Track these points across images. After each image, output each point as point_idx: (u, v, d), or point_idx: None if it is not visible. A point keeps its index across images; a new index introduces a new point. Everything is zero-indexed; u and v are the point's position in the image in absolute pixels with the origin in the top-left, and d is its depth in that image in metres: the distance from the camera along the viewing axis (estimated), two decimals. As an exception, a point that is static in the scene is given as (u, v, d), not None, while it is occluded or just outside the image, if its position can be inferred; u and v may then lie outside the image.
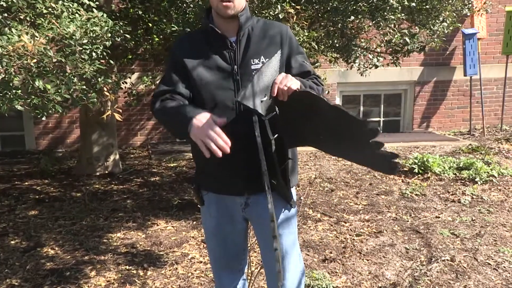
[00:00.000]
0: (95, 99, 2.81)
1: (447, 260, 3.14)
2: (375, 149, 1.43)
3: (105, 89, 3.44)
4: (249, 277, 2.57)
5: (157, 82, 5.14)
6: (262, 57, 1.69)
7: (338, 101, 7.52)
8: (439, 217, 3.92)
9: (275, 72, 1.63)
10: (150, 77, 4.94)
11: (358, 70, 4.97)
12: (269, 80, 1.60)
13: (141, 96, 5.00)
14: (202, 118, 1.49)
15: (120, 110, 4.07)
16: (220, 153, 1.45)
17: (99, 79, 3.10)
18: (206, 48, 1.69)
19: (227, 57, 1.68)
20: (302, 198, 4.40)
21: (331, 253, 3.29)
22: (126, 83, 4.56)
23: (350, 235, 3.59)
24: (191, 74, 1.68)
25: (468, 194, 4.43)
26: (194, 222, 3.86)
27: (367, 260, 3.18)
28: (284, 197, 1.76)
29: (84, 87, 2.70)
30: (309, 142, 1.71)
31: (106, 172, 5.22)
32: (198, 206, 1.93)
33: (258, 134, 1.49)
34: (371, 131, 1.40)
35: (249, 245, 1.98)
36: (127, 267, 3.11)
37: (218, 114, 1.62)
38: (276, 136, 1.59)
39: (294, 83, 1.55)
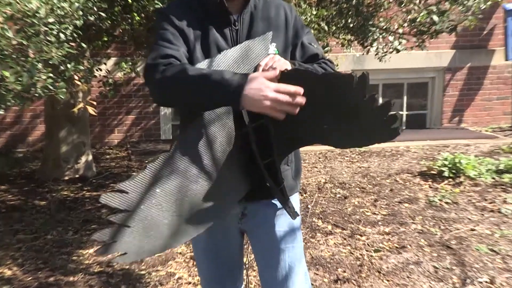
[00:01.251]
0: (64, 89, 2.80)
1: (485, 282, 3.13)
2: (370, 105, 1.44)
3: (75, 77, 3.44)
4: (247, 302, 2.57)
5: (138, 69, 5.14)
6: None
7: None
8: (474, 230, 3.92)
9: (263, 55, 1.63)
10: (130, 63, 4.93)
11: (376, 55, 4.97)
12: (255, 62, 1.61)
13: (119, 86, 4.99)
14: (254, 82, 1.42)
15: (94, 103, 4.07)
16: (296, 111, 1.43)
17: (69, 66, 3.09)
18: (205, 22, 1.68)
19: (229, 36, 1.69)
20: (309, 206, 4.39)
21: (344, 272, 3.28)
22: (100, 70, 4.54)
23: (367, 250, 3.59)
24: (189, 47, 1.63)
25: (510, 203, 4.43)
26: (182, 236, 3.85)
27: (388, 281, 3.17)
28: (281, 204, 1.75)
29: (51, 74, 2.69)
30: (311, 138, 1.70)
31: (77, 176, 5.22)
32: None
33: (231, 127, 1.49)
34: (361, 82, 1.41)
35: (246, 262, 1.98)
36: (102, 289, 3.11)
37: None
38: (254, 124, 1.59)
39: (281, 64, 1.55)
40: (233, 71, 1.54)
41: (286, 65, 1.57)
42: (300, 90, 1.43)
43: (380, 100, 1.53)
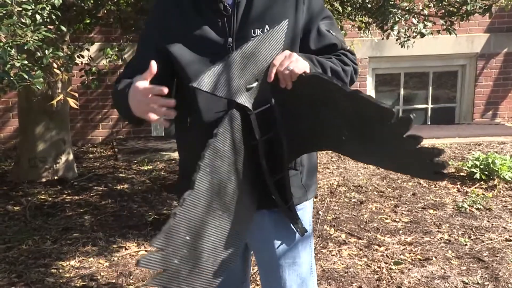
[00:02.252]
0: (41, 79, 2.81)
1: (519, 297, 3.15)
2: (410, 146, 1.43)
3: (54, 65, 3.45)
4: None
5: (125, 56, 5.15)
6: (267, 26, 1.68)
7: (369, 81, 7.53)
8: (510, 240, 3.93)
9: (277, 49, 1.62)
10: (116, 49, 4.93)
11: (397, 39, 4.96)
12: (266, 59, 1.60)
13: (104, 75, 4.99)
14: (134, 88, 1.54)
15: (75, 94, 4.08)
16: (167, 124, 1.54)
17: (46, 52, 3.10)
18: (192, 13, 1.70)
19: (219, 25, 1.69)
20: (320, 212, 4.41)
21: (360, 287, 3.29)
22: (82, 57, 4.55)
23: (386, 263, 3.60)
24: (170, 50, 1.70)
25: (548, 208, 4.44)
26: (175, 246, 3.87)
27: (410, 297, 3.19)
28: (289, 220, 1.78)
29: (26, 62, 2.70)
30: (325, 144, 1.72)
31: (56, 177, 5.23)
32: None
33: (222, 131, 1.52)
34: (402, 121, 1.40)
35: (251, 275, 1.99)
36: (84, 306, 3.13)
37: (210, 103, 1.66)
38: (266, 137, 1.61)
39: (300, 65, 1.55)
40: (241, 71, 1.57)
41: (305, 66, 1.56)
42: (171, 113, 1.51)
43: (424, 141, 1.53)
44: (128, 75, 1.71)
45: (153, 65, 1.49)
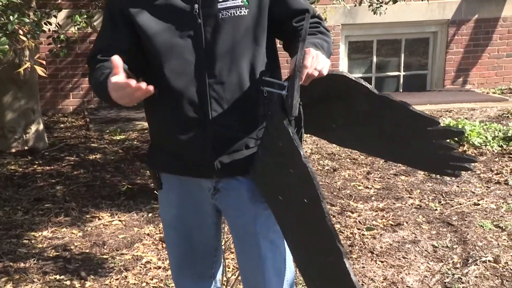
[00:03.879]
0: (6, 46, 2.75)
1: (488, 261, 3.21)
2: (441, 150, 1.53)
3: (20, 32, 3.36)
4: (224, 286, 2.60)
5: (95, 23, 5.04)
6: None
7: (342, 49, 7.52)
8: (478, 204, 4.00)
9: None
10: (85, 16, 4.81)
11: (369, 6, 4.95)
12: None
13: (73, 43, 4.90)
14: (112, 86, 1.54)
15: (44, 62, 3.99)
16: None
17: (11, 18, 3.02)
18: None
19: None
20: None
21: (334, 253, 3.34)
22: (50, 24, 4.45)
23: (358, 229, 3.65)
24: (136, 21, 1.67)
25: (516, 173, 4.53)
26: (150, 215, 3.86)
27: (382, 262, 3.24)
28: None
29: (-10, 29, 2.63)
30: (317, 131, 1.81)
31: (26, 148, 5.17)
32: (155, 192, 1.93)
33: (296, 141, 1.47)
34: (448, 132, 1.52)
35: (224, 243, 2.00)
36: (58, 276, 3.10)
37: (178, 71, 1.66)
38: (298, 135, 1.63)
39: (325, 66, 1.57)
40: None
41: (327, 63, 1.58)
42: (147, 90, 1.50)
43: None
44: (100, 51, 1.72)
45: (116, 60, 1.49)
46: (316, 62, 1.55)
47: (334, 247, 1.35)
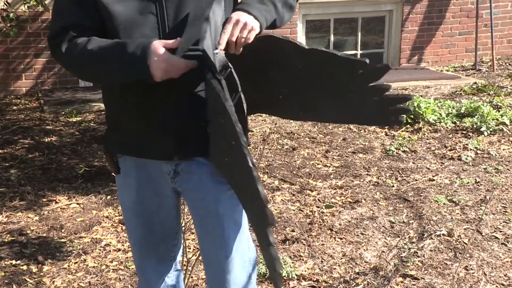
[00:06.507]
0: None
1: (443, 235, 3.30)
2: (377, 95, 1.49)
3: (-32, 11, 3.25)
4: (185, 267, 2.60)
5: (46, 1, 4.91)
6: None
7: (300, 28, 7.52)
8: (433, 180, 4.10)
9: (222, 10, 1.60)
10: (36, -6, 4.69)
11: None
12: (220, 22, 1.58)
13: (24, 22, 4.77)
14: (157, 52, 1.55)
15: (-6, 43, 3.88)
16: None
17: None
18: None
19: None
20: (254, 160, 4.44)
21: (293, 231, 3.37)
22: None
23: (318, 207, 3.69)
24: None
25: (471, 149, 4.64)
26: (109, 197, 3.83)
27: (340, 238, 3.29)
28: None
29: None
30: (263, 106, 1.77)
31: (-22, 131, 5.03)
32: (113, 174, 1.90)
33: (227, 98, 1.47)
34: (375, 71, 1.47)
35: (183, 225, 1.99)
36: (14, 261, 3.06)
37: None
38: (234, 101, 1.60)
39: (252, 31, 1.55)
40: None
41: (256, 27, 1.55)
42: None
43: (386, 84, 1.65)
44: (66, 29, 1.66)
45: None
46: (237, 31, 1.55)
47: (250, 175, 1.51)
